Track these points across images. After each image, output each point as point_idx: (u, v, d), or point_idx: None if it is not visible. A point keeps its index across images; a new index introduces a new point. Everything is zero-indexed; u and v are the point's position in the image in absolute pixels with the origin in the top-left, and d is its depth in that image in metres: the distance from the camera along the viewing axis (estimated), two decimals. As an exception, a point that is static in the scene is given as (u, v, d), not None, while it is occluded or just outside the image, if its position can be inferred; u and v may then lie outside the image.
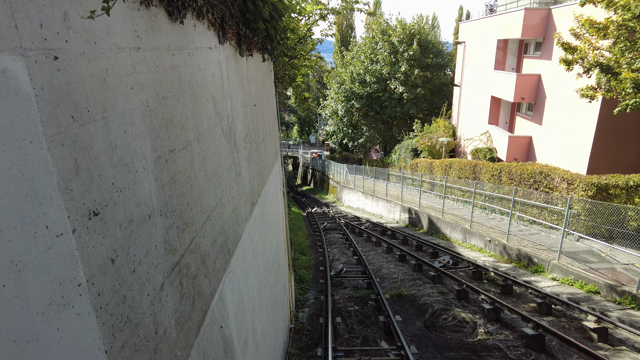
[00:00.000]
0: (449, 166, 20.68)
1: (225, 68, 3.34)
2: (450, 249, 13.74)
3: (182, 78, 2.33)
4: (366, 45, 33.50)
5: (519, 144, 19.33)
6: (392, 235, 17.21)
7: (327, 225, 20.76)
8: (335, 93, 34.81)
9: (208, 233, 2.64)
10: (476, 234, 13.71)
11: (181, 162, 2.24)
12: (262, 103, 4.88)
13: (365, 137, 34.41)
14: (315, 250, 15.67)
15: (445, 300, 9.24)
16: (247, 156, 3.97)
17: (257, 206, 4.34)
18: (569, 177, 12.83)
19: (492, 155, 20.78)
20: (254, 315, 3.97)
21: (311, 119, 74.43)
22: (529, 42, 19.82)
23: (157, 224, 1.90)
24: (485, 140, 22.03)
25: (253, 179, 4.20)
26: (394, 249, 14.36)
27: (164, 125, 2.04)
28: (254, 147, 4.36)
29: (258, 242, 4.38)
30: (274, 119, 5.88)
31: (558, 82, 16.77)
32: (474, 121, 24.03)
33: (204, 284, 2.52)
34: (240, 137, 3.70)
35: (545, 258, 10.49)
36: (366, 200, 25.16)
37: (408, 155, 27.51)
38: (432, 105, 31.70)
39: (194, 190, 2.41)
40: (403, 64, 30.56)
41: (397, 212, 20.47)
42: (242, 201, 3.63)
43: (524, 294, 9.21)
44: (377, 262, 13.10)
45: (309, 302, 9.49)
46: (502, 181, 16.10)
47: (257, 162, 4.44)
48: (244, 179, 3.75)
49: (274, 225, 5.48)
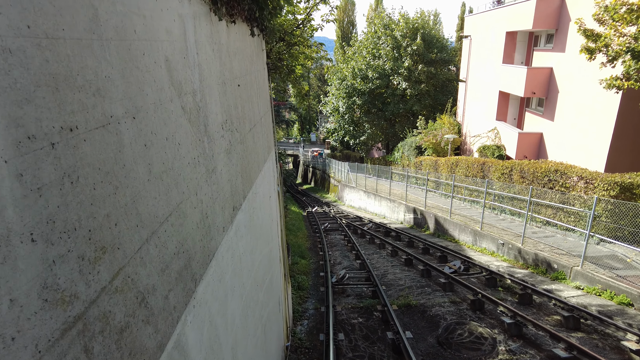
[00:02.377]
0: (455, 164, 19.79)
1: (192, 28, 2.47)
2: (460, 252, 12.86)
3: (101, 17, 1.46)
4: (368, 40, 32.56)
5: (529, 141, 18.43)
6: (397, 236, 16.34)
7: (328, 225, 19.89)
8: (337, 89, 33.87)
9: (152, 258, 1.78)
10: (487, 236, 12.83)
11: (93, 150, 1.37)
12: (250, 85, 4.01)
13: (367, 134, 33.48)
14: (315, 252, 14.81)
15: (458, 311, 8.37)
16: (227, 148, 3.10)
17: (242, 211, 3.47)
18: (588, 175, 11.94)
19: (501, 153, 19.88)
20: (236, 351, 3.10)
21: (312, 117, 73.46)
22: (540, 34, 18.89)
23: (21, 258, 1.04)
24: (492, 137, 21.12)
25: (235, 178, 3.33)
26: (399, 252, 13.49)
27: (50, 82, 1.18)
28: (238, 137, 3.49)
29: (243, 255, 3.51)
30: (266, 107, 5.00)
31: (572, 75, 15.85)
32: (480, 118, 23.12)
33: (142, 336, 1.66)
34: (216, 122, 2.83)
35: (567, 264, 9.60)
36: (368, 199, 24.28)
37: (411, 153, 26.61)
38: (436, 101, 30.78)
39: (123, 195, 1.54)
40: (406, 59, 29.64)
41: (401, 212, 19.59)
42: (217, 206, 2.76)
43: (545, 304, 8.34)
44: (382, 267, 12.24)
45: (309, 313, 8.63)
46: (513, 180, 15.21)
47: (241, 156, 3.58)
48: (220, 177, 2.89)
49: (266, 232, 4.61)
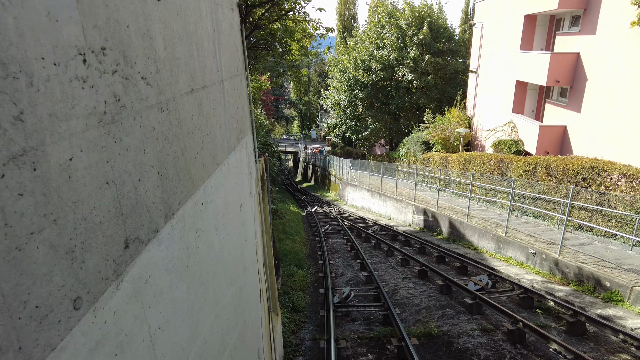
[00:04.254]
0: (468, 161, 18.04)
1: None
2: (482, 262, 11.13)
3: None
4: (371, 30, 30.65)
5: (551, 135, 16.65)
6: (406, 241, 14.60)
7: (328, 228, 18.15)
8: (338, 82, 32.02)
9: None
10: (514, 243, 11.08)
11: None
12: (196, 12, 2.26)
13: (370, 129, 31.63)
14: (314, 260, 13.09)
15: (493, 344, 6.65)
16: (103, 112, 1.35)
17: (157, 243, 1.73)
18: (634, 172, 10.20)
19: (518, 148, 18.10)
20: None
21: (312, 114, 71.59)
22: (563, 17, 17.06)
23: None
24: (509, 131, 19.33)
25: (135, 176, 1.57)
26: (411, 260, 11.75)
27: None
28: (151, 96, 1.74)
29: (157, 337, 1.76)
30: (235, 68, 3.26)
31: (605, 60, 14.05)
32: (493, 111, 21.32)
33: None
34: (60, 40, 1.08)
35: (623, 282, 7.84)
36: (372, 199, 22.53)
37: (418, 149, 24.84)
38: (444, 94, 28.94)
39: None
40: (412, 49, 27.78)
41: (409, 213, 17.84)
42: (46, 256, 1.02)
43: (604, 337, 6.61)
44: (392, 280, 10.51)
45: (305, 347, 6.88)
46: (538, 178, 13.46)
47: (162, 135, 1.83)
48: (75, 177, 1.14)
49: (231, 266, 2.88)
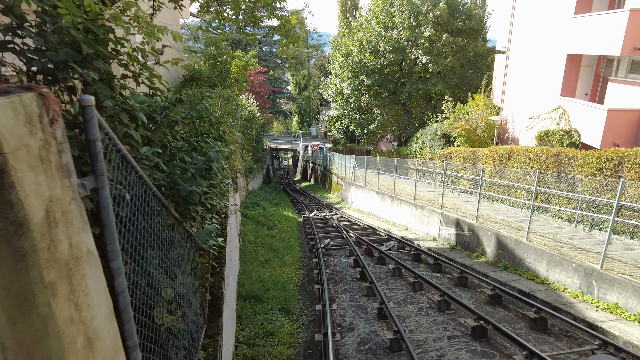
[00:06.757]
0: (506, 156, 14.10)
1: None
2: (565, 307, 7.20)
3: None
4: (379, 8, 26.66)
5: (622, 122, 12.69)
6: (436, 265, 10.66)
7: (329, 242, 14.20)
8: (340, 67, 28.00)
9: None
10: (622, 282, 7.12)
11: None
12: None
13: (377, 122, 27.64)
14: (310, 297, 9.15)
15: None
16: None
17: None
18: None
19: (572, 140, 14.15)
20: None
21: (312, 110, 67.55)
22: (635, -31, 13.10)
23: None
24: (557, 119, 15.38)
25: None
26: (453, 303, 7.81)
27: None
28: None
29: None
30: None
31: None
32: (531, 96, 17.34)
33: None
34: None
35: None
36: (383, 202, 18.59)
37: (436, 144, 20.86)
38: (464, 80, 24.96)
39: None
40: (427, 28, 23.80)
41: (434, 223, 13.90)
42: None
43: None
44: (430, 342, 6.56)
45: None
46: (626, 179, 9.54)
47: None
48: None
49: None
